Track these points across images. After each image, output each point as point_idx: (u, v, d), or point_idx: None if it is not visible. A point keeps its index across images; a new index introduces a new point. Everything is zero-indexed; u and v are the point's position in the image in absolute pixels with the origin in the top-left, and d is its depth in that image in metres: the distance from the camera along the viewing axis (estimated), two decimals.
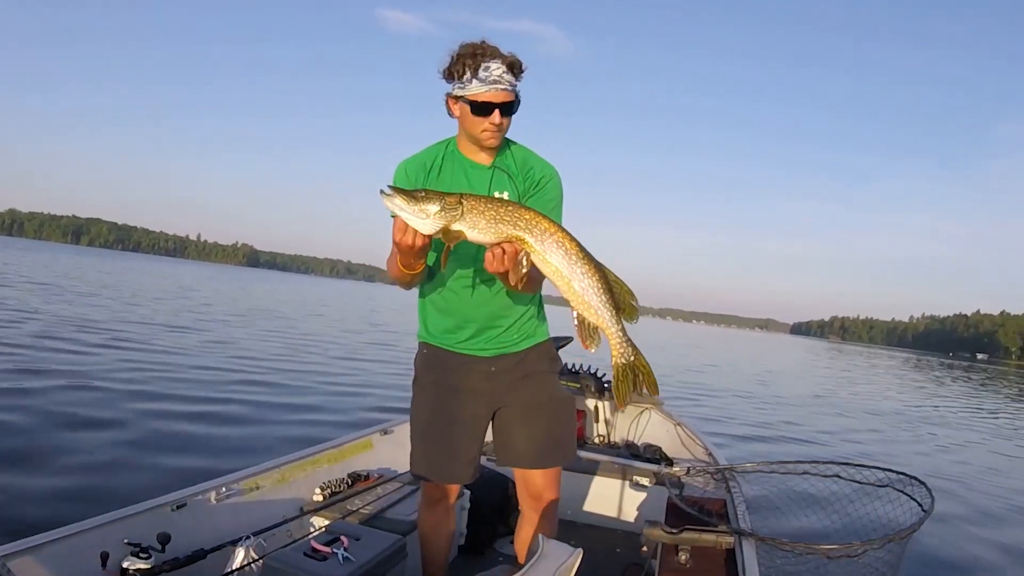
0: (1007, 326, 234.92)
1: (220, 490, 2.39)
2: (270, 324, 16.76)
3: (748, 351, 44.40)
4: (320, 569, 1.93)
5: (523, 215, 1.60)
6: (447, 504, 2.20)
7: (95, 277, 29.30)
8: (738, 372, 21.26)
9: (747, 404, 12.38)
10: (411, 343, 2.17)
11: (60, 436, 4.81)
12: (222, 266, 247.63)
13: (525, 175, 1.95)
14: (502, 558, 3.01)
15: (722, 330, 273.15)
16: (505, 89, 1.82)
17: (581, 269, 1.59)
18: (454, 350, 2.04)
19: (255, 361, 9.74)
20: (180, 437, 5.26)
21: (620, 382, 1.67)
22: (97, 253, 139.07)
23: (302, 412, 6.75)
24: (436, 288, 2.01)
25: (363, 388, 8.70)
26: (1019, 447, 11.64)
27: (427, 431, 2.10)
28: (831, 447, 8.77)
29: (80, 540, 1.89)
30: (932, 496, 2.66)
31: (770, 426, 10.00)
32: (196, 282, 39.77)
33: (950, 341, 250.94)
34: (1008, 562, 4.94)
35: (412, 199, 1.55)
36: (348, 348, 13.45)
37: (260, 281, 68.44)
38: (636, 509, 3.37)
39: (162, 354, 9.15)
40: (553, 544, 1.58)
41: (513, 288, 1.76)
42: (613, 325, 1.62)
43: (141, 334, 10.88)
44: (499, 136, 1.89)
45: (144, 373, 7.56)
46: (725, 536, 2.39)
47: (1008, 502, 6.94)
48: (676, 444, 4.17)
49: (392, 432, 3.42)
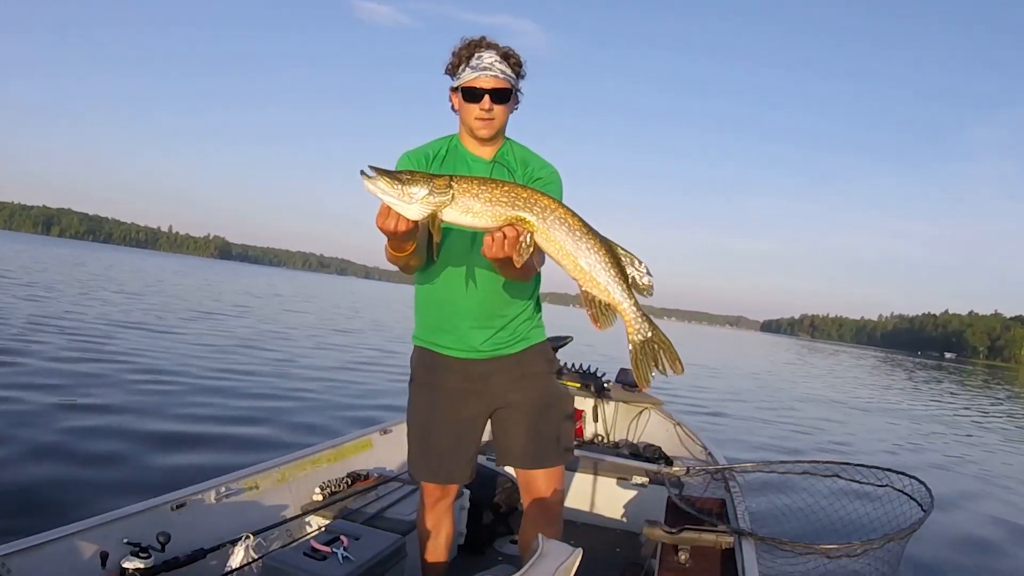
0: (975, 326, 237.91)
1: (220, 490, 2.39)
2: (266, 321, 16.76)
3: (720, 347, 44.33)
4: (320, 569, 1.93)
5: (520, 193, 1.51)
6: (446, 504, 2.20)
7: (122, 274, 29.21)
8: (729, 371, 21.26)
9: (742, 405, 12.39)
10: (408, 340, 2.15)
11: (61, 436, 4.81)
12: (194, 258, 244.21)
13: (524, 171, 1.95)
14: (502, 558, 3.01)
15: (693, 327, 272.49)
16: (495, 76, 1.81)
17: (587, 244, 1.51)
18: (449, 354, 2.02)
19: (255, 360, 9.74)
20: (179, 437, 5.25)
21: (640, 361, 1.55)
22: (71, 244, 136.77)
23: (302, 411, 6.74)
24: (430, 281, 1.98)
25: (363, 387, 8.70)
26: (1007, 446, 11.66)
27: (424, 432, 2.09)
28: (837, 451, 8.77)
29: (80, 540, 1.89)
30: (932, 496, 2.66)
31: (765, 424, 10.02)
32: (165, 275, 39.42)
33: (918, 340, 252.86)
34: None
35: (396, 181, 1.45)
36: (344, 346, 13.45)
37: (247, 276, 67.88)
38: (636, 509, 3.37)
39: (147, 354, 9.14)
40: (553, 544, 1.58)
41: (511, 273, 1.73)
42: (625, 300, 1.51)
43: (109, 329, 10.87)
44: (492, 125, 1.88)
45: (131, 369, 7.56)
46: (725, 536, 2.39)
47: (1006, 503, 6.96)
48: (675, 444, 4.17)
49: (391, 432, 3.42)
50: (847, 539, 2.39)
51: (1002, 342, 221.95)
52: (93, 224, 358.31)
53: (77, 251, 70.20)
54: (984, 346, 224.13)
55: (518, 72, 1.90)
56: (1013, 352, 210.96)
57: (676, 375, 1.59)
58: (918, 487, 2.76)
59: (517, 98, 1.94)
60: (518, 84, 1.91)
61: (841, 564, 2.32)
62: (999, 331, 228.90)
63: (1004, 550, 5.19)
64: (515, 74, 1.89)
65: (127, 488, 3.90)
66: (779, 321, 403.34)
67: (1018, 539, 5.53)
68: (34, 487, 3.86)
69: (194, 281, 34.74)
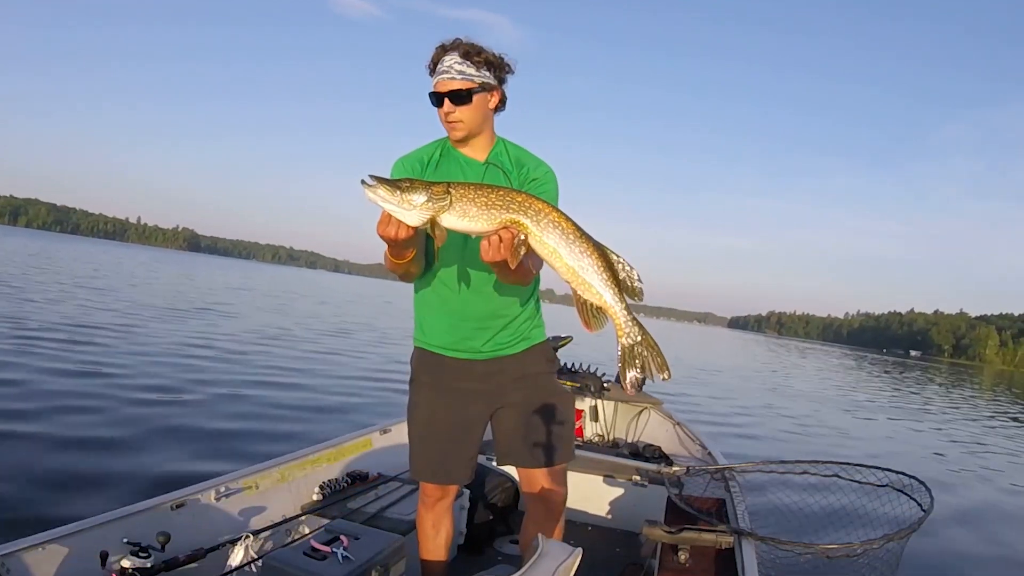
0: (940, 324, 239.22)
1: (219, 489, 2.39)
2: (261, 318, 16.75)
3: (691, 342, 43.95)
4: (319, 568, 1.93)
5: (515, 197, 1.56)
6: (446, 504, 2.20)
7: None
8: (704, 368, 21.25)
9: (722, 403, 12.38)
10: (406, 339, 2.16)
11: (61, 435, 4.81)
12: (163, 250, 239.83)
13: (519, 171, 1.95)
14: (501, 557, 3.01)
15: (661, 322, 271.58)
16: (452, 78, 1.82)
17: (579, 248, 1.55)
18: (451, 355, 2.02)
19: (252, 359, 9.73)
20: (179, 436, 5.25)
21: (627, 364, 1.59)
22: (40, 236, 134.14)
23: (301, 411, 6.74)
24: (430, 286, 1.99)
25: (362, 387, 8.69)
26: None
27: (424, 432, 2.09)
28: (836, 450, 8.77)
29: (79, 539, 1.90)
30: (931, 496, 2.66)
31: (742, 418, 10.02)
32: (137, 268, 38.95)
33: (884, 338, 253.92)
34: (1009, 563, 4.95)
35: (396, 189, 1.50)
36: (344, 343, 13.45)
37: (227, 270, 66.74)
38: (635, 509, 3.37)
39: (136, 353, 9.14)
40: (553, 543, 1.58)
41: (509, 277, 1.74)
42: (616, 304, 1.56)
43: (105, 326, 10.87)
44: (459, 127, 1.88)
45: (128, 369, 7.56)
46: (724, 535, 2.39)
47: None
48: (675, 444, 4.17)
49: (391, 431, 3.42)
50: (847, 539, 2.39)
51: (967, 341, 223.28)
52: (61, 215, 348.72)
53: (49, 244, 68.73)
54: (949, 344, 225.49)
55: (494, 70, 1.87)
56: (978, 351, 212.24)
57: (663, 380, 1.62)
58: (918, 487, 2.76)
59: (503, 96, 1.92)
60: (491, 81, 1.87)
61: (841, 564, 2.32)
62: (964, 330, 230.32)
63: (1003, 551, 5.19)
64: (491, 72, 1.86)
65: (127, 488, 3.90)
66: (746, 318, 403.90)
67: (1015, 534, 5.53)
68: (34, 487, 3.86)
69: (168, 278, 34.03)
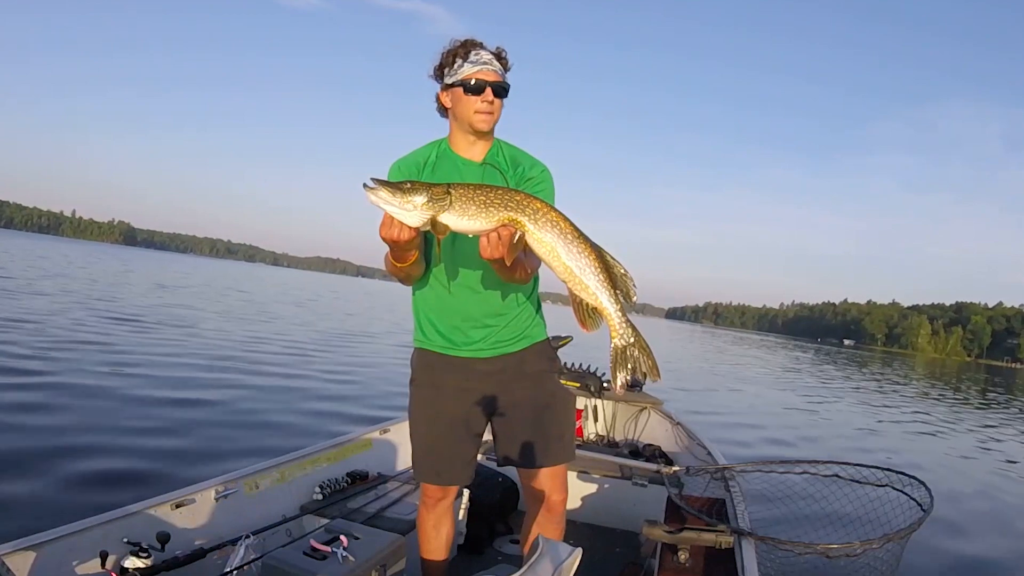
0: (873, 314, 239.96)
1: (219, 489, 2.39)
2: (261, 317, 16.76)
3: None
4: (319, 568, 1.93)
5: (514, 196, 1.58)
6: (447, 504, 2.20)
7: None
8: None
9: None
10: (405, 338, 2.16)
11: (61, 436, 4.81)
12: (98, 244, 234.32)
13: (516, 171, 1.96)
14: (501, 557, 3.01)
15: None
16: (495, 71, 1.87)
17: (576, 248, 1.57)
18: (451, 354, 2.03)
19: (251, 358, 9.74)
20: (178, 436, 5.25)
21: (618, 364, 1.63)
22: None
23: (301, 411, 6.74)
24: (430, 285, 2.00)
25: (362, 386, 8.70)
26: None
27: (425, 433, 2.09)
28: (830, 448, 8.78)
29: (80, 539, 1.89)
30: (932, 496, 2.66)
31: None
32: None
33: (818, 328, 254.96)
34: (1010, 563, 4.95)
35: (397, 191, 1.52)
36: (343, 343, 13.45)
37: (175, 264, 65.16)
38: (635, 508, 3.37)
39: (133, 351, 9.14)
40: (552, 543, 1.58)
41: (508, 275, 1.75)
42: (611, 305, 1.58)
43: (103, 327, 10.87)
44: (492, 119, 1.91)
45: (125, 368, 7.56)
46: (724, 535, 2.38)
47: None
48: (675, 443, 4.17)
49: (391, 431, 3.41)
50: (846, 539, 2.39)
51: (899, 330, 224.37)
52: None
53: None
54: (882, 333, 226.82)
55: (507, 70, 1.95)
56: (910, 339, 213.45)
57: (653, 381, 1.66)
58: (918, 487, 2.76)
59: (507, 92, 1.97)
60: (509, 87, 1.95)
61: (840, 564, 2.32)
62: (896, 319, 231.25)
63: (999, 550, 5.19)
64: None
65: (127, 488, 3.90)
66: (683, 309, 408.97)
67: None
68: (34, 487, 3.86)
69: (141, 278, 33.70)
